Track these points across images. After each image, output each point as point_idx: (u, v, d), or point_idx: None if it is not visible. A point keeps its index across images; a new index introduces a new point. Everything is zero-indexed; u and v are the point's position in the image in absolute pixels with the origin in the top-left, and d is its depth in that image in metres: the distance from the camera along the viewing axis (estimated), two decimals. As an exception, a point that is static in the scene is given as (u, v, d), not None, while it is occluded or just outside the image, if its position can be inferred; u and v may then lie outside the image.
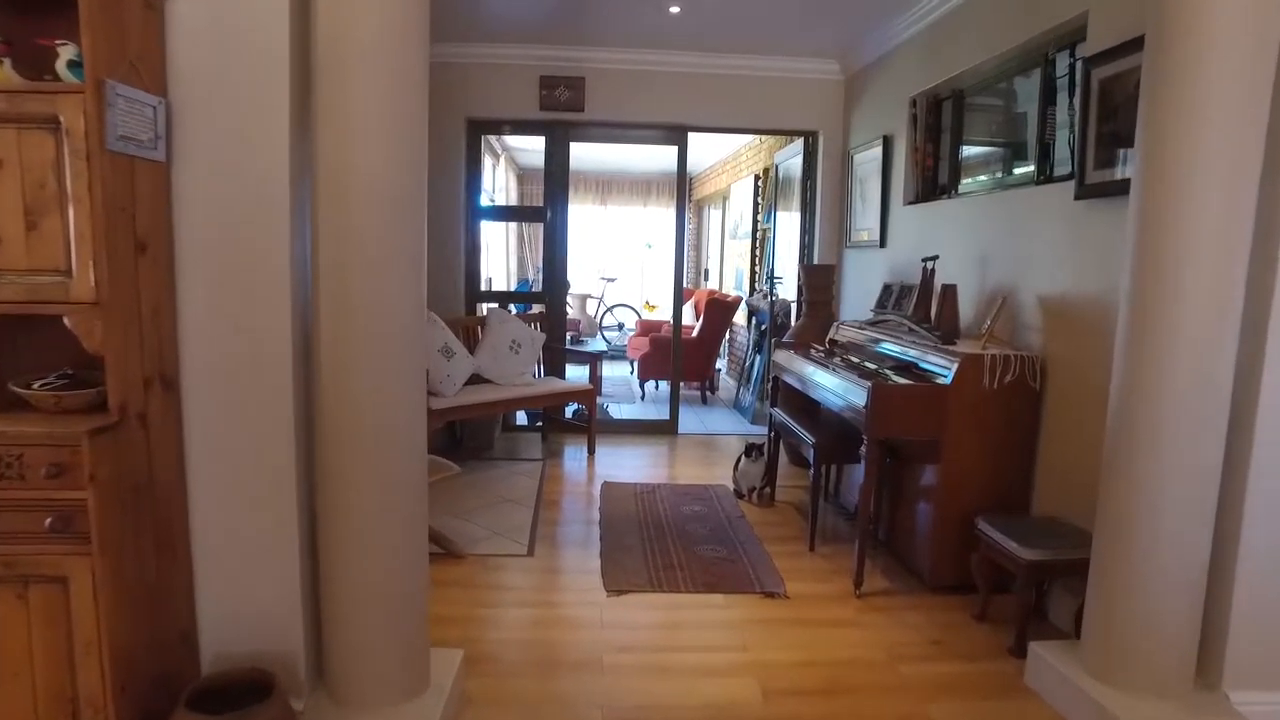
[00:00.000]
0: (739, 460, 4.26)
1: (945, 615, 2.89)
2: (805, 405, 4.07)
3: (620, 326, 11.38)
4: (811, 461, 3.51)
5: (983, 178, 3.75)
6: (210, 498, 1.94)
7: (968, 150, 3.90)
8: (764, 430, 6.09)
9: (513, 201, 10.75)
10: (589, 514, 3.93)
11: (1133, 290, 2.07)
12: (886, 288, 4.21)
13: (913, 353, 3.29)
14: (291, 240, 1.88)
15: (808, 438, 3.52)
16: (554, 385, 4.94)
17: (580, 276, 11.62)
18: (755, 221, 7.72)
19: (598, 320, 11.09)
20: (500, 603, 2.96)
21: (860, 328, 3.96)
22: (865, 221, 4.86)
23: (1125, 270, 2.09)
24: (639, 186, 11.95)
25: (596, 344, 8.07)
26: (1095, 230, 2.70)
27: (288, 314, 1.89)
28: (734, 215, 8.72)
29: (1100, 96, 2.56)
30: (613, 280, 11.54)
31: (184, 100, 1.81)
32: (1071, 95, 2.86)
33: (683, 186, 5.49)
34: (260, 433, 1.92)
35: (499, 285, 9.05)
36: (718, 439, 5.68)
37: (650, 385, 7.69)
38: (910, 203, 4.27)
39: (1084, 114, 2.64)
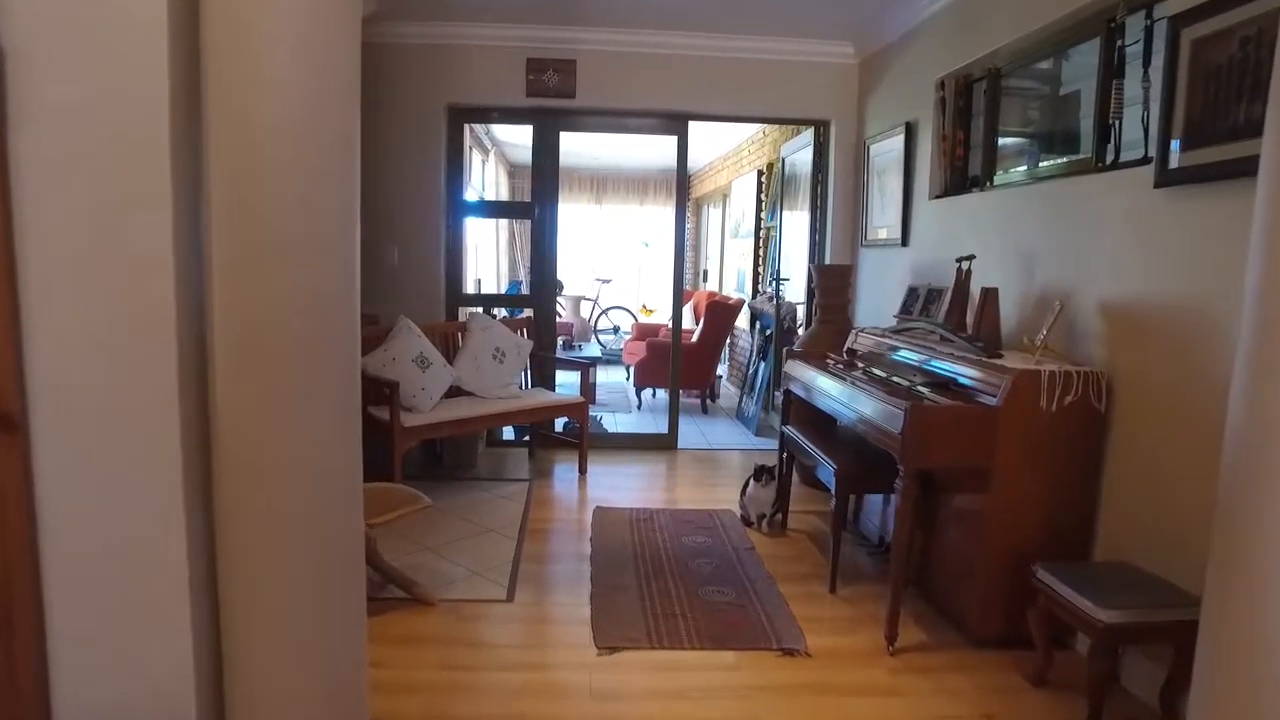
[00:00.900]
0: (747, 484, 3.82)
1: (996, 678, 2.45)
2: (820, 420, 3.63)
3: (616, 330, 10.94)
4: (833, 491, 3.06)
5: (1024, 167, 3.32)
6: (70, 566, 1.49)
7: (1005, 137, 3.46)
8: (770, 444, 5.69)
9: (504, 199, 10.31)
10: (579, 546, 3.49)
11: (1261, 293, 1.63)
12: (912, 291, 3.78)
13: (949, 366, 2.86)
14: (176, 225, 1.44)
15: (828, 464, 3.08)
16: (541, 398, 4.49)
17: (574, 278, 11.19)
18: (758, 220, 7.29)
19: (592, 323, 10.64)
20: (472, 663, 2.50)
21: (883, 336, 3.52)
22: (884, 218, 4.43)
23: (1253, 269, 1.65)
24: (635, 184, 11.51)
25: (590, 349, 7.64)
26: (1179, 222, 2.27)
27: (172, 326, 1.44)
28: (735, 213, 8.29)
29: (1191, 62, 2.13)
30: (608, 282, 11.10)
31: (24, 45, 1.37)
32: (1146, 64, 2.43)
33: (683, 180, 5.05)
34: (137, 480, 1.47)
35: (489, 288, 8.63)
36: (721, 455, 5.23)
37: (647, 393, 7.25)
38: (937, 197, 3.84)
39: (1168, 85, 2.21)
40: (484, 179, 8.67)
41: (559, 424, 5.17)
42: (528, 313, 5.11)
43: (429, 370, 4.13)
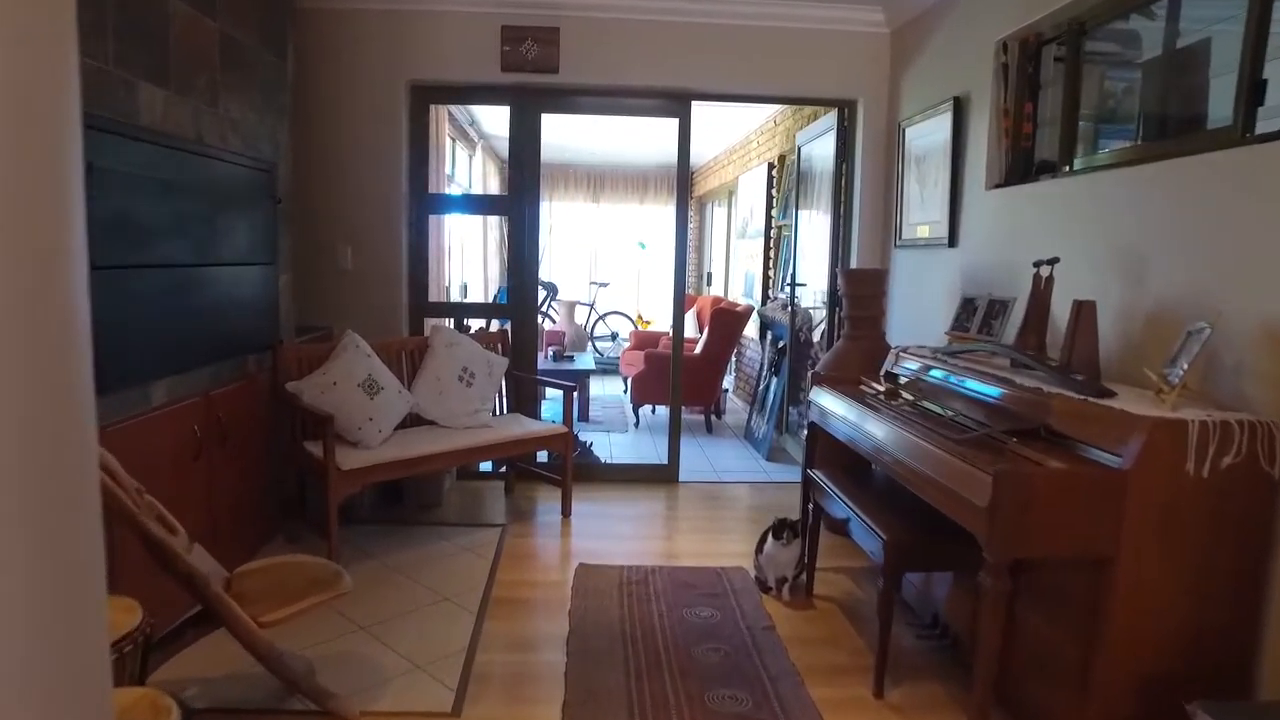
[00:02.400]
0: (763, 539, 3.11)
1: None
2: (854, 462, 2.93)
3: (614, 337, 10.24)
4: (881, 568, 2.35)
5: (1120, 144, 2.61)
6: None
7: (1091, 108, 2.75)
8: (784, 471, 4.99)
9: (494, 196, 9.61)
10: (555, 623, 2.78)
11: None
12: (967, 303, 3.06)
13: (1031, 408, 2.14)
14: None
15: (874, 532, 2.37)
16: (516, 429, 3.78)
17: (570, 281, 10.50)
18: (769, 218, 6.58)
19: (588, 330, 9.94)
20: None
21: (934, 359, 2.81)
22: (924, 213, 3.72)
23: None
24: (634, 181, 10.81)
25: (584, 361, 6.92)
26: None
27: None
28: (743, 211, 7.58)
29: None
30: (605, 285, 10.40)
31: None
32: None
33: (684, 170, 4.34)
34: None
35: (476, 295, 7.93)
36: (729, 490, 4.52)
37: (646, 409, 6.54)
38: (996, 186, 3.13)
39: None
40: (470, 174, 7.97)
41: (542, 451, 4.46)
42: (504, 324, 4.41)
43: (379, 397, 3.42)
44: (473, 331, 4.40)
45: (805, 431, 3.28)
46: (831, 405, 2.97)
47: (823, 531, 3.16)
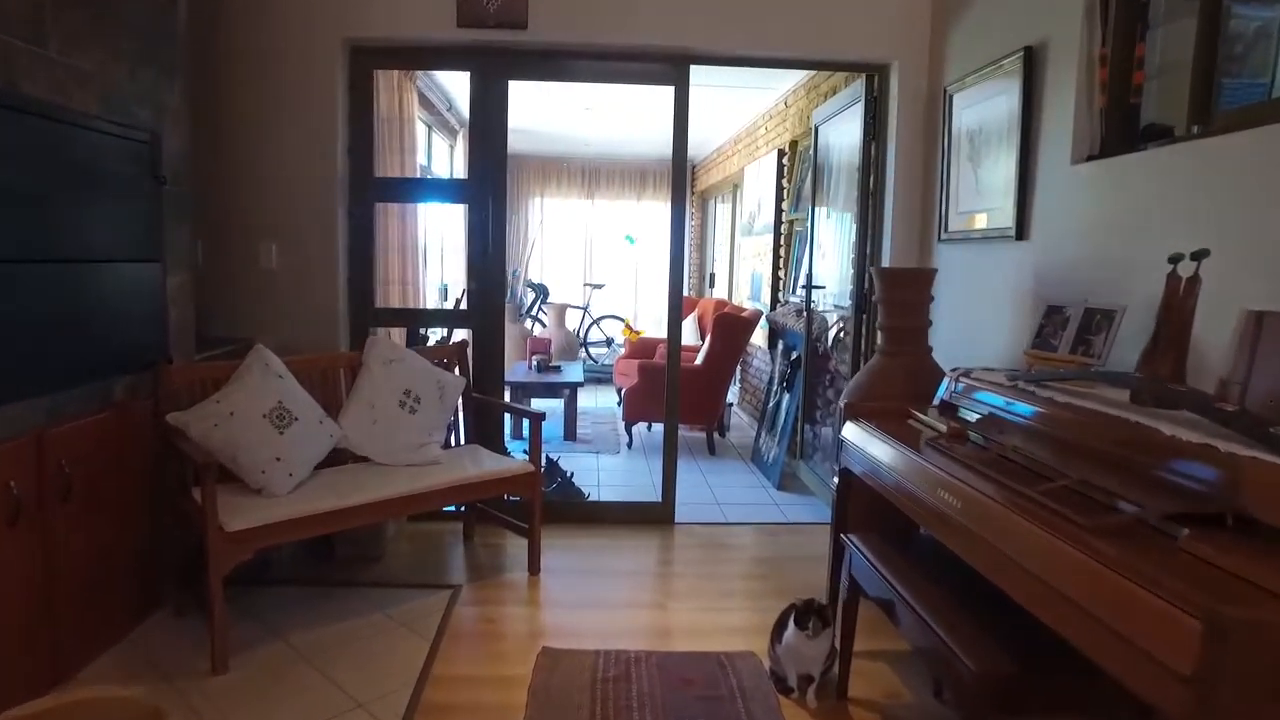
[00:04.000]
0: (782, 622, 2.36)
1: None
2: (902, 524, 2.19)
3: (609, 342, 9.51)
4: (959, 704, 1.60)
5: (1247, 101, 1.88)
6: None
7: (1235, 44, 2.02)
8: (799, 505, 4.16)
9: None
10: (500, 747, 2.04)
11: None
12: (1053, 312, 2.32)
13: (1199, 472, 1.40)
14: None
15: (957, 658, 1.62)
16: (470, 468, 3.03)
17: (562, 282, 9.78)
18: (779, 212, 5.84)
19: (581, 336, 9.20)
20: None
21: (1017, 389, 2.06)
22: (979, 199, 2.98)
23: None
24: (631, 176, 10.09)
25: (573, 372, 6.19)
26: None
27: None
28: (749, 205, 6.84)
29: None
30: (600, 287, 9.67)
31: None
32: None
33: (681, 147, 3.60)
34: None
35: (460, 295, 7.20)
36: (734, 534, 3.77)
37: (641, 427, 5.80)
38: (1089, 158, 2.39)
39: None
40: (452, 167, 7.25)
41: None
42: (461, 335, 3.67)
43: (292, 430, 2.69)
44: (430, 344, 3.68)
45: (836, 479, 2.53)
46: (874, 449, 2.22)
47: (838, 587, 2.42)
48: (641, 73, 3.56)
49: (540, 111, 7.01)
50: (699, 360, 5.56)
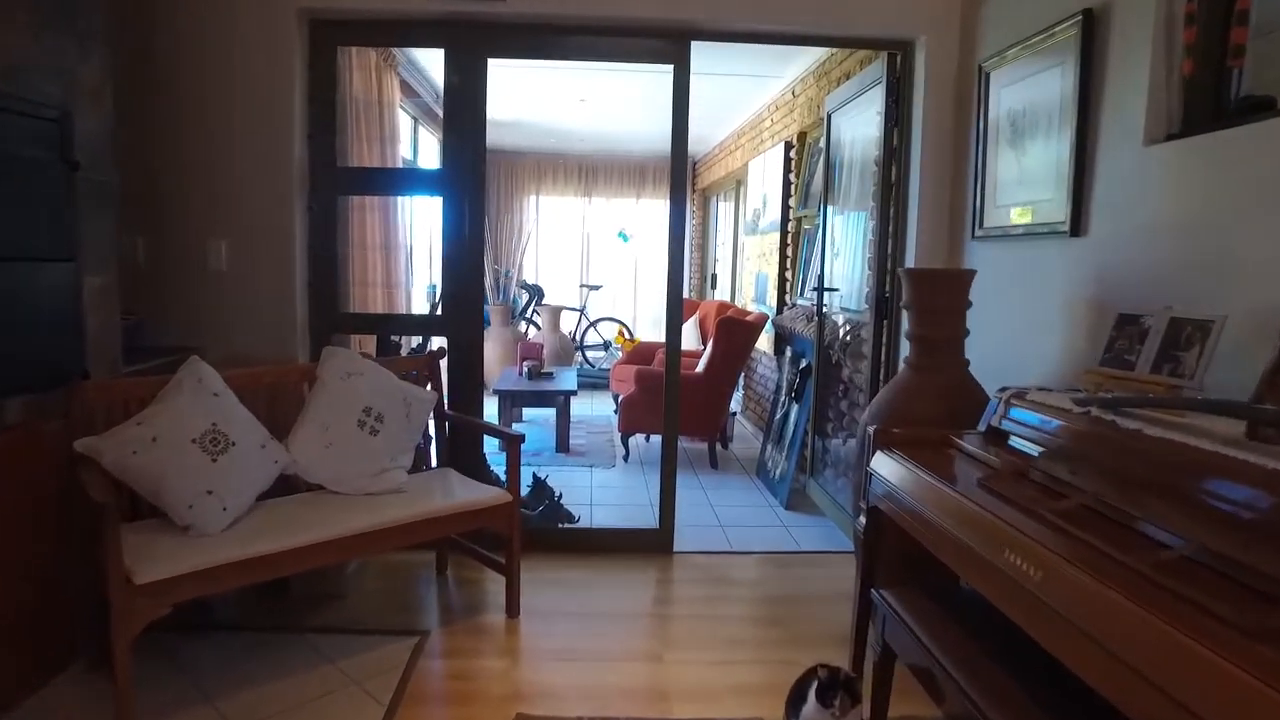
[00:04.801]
0: (799, 691, 1.96)
1: None
2: (942, 574, 1.81)
3: (607, 346, 9.13)
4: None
5: None
6: None
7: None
8: (808, 529, 3.66)
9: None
10: None
11: None
12: (1126, 322, 1.93)
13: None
14: None
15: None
16: (437, 497, 2.64)
17: (558, 284, 9.41)
18: (786, 208, 5.47)
19: (577, 338, 8.82)
20: None
21: (1090, 416, 1.68)
22: (1024, 190, 2.60)
23: None
24: (630, 173, 9.71)
25: (566, 379, 5.81)
26: None
27: None
28: (753, 202, 6.46)
29: None
30: (597, 288, 9.30)
31: None
32: None
33: (682, 132, 3.21)
34: None
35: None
36: (740, 565, 3.39)
37: (639, 437, 5.41)
38: (1170, 137, 2.01)
39: None
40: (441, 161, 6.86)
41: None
42: (438, 342, 3.29)
43: (228, 456, 2.31)
44: (408, 355, 3.31)
45: (861, 519, 2.15)
46: (911, 486, 1.84)
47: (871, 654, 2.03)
48: (637, 50, 3.17)
49: (531, 103, 6.63)
50: (700, 367, 5.18)
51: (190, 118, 2.95)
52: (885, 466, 2.00)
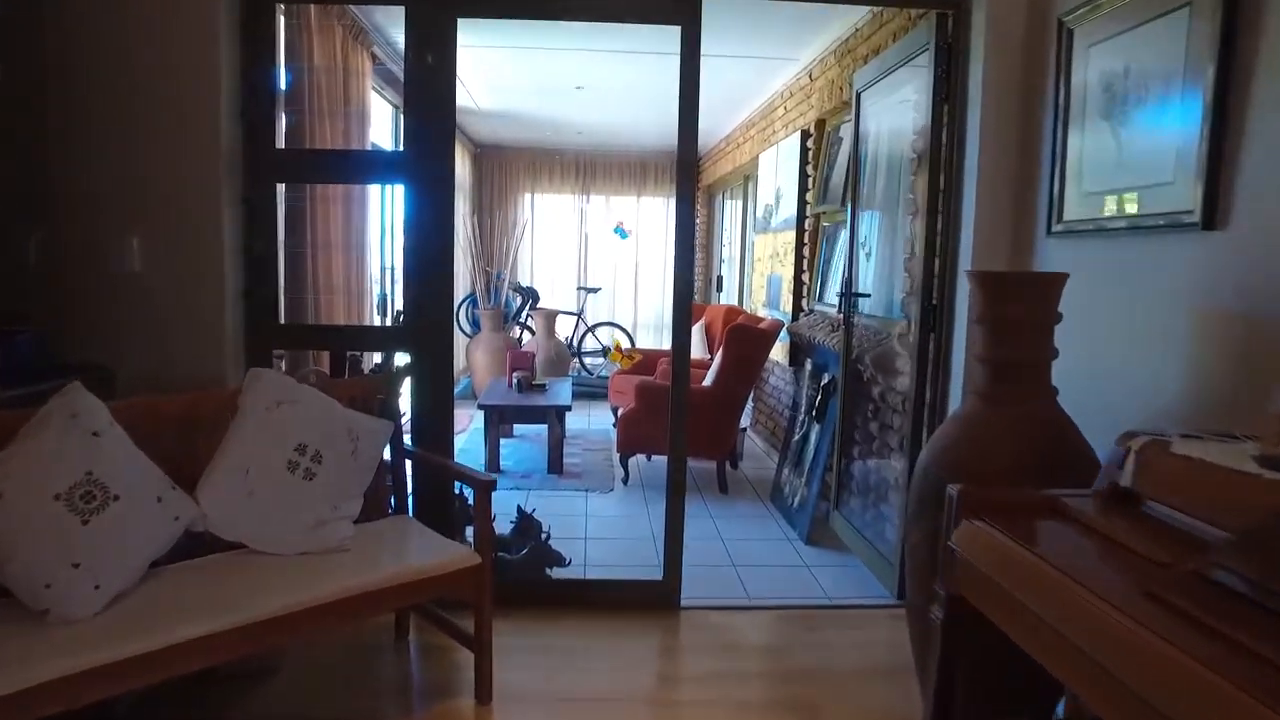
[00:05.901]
0: None
1: None
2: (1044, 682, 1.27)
3: (606, 352, 8.58)
4: None
5: None
6: None
7: None
8: (834, 569, 3.18)
9: (465, 189, 7.90)
10: None
11: None
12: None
13: None
14: None
15: None
16: (386, 561, 2.10)
17: (554, 286, 8.88)
18: (803, 204, 4.93)
19: (575, 345, 8.29)
20: None
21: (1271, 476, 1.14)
22: (1127, 173, 2.06)
23: None
24: (631, 169, 9.19)
25: (560, 392, 5.28)
26: None
27: None
28: (764, 198, 5.92)
29: None
30: (595, 291, 8.76)
31: None
32: None
33: (691, 107, 2.67)
34: None
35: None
36: (760, 621, 2.84)
37: (640, 458, 4.87)
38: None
39: None
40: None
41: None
42: (401, 359, 2.74)
43: (104, 516, 1.77)
44: (369, 373, 2.78)
45: (940, 610, 1.60)
46: (1035, 586, 1.30)
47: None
48: (638, 7, 2.64)
49: (525, 92, 6.10)
50: (708, 380, 4.65)
51: (96, 89, 2.42)
52: (979, 548, 1.46)
